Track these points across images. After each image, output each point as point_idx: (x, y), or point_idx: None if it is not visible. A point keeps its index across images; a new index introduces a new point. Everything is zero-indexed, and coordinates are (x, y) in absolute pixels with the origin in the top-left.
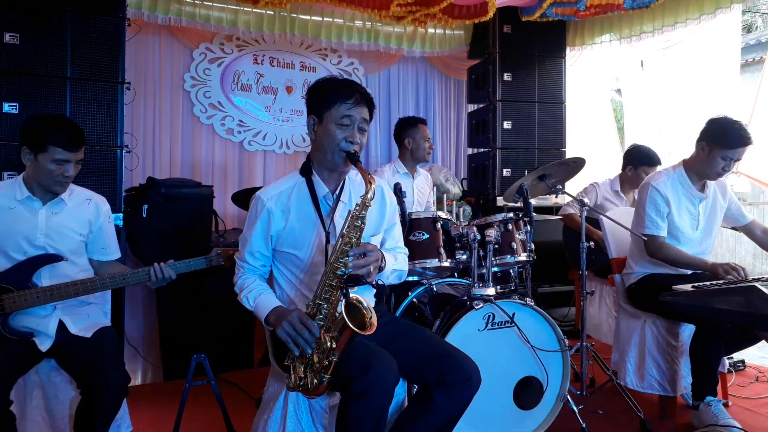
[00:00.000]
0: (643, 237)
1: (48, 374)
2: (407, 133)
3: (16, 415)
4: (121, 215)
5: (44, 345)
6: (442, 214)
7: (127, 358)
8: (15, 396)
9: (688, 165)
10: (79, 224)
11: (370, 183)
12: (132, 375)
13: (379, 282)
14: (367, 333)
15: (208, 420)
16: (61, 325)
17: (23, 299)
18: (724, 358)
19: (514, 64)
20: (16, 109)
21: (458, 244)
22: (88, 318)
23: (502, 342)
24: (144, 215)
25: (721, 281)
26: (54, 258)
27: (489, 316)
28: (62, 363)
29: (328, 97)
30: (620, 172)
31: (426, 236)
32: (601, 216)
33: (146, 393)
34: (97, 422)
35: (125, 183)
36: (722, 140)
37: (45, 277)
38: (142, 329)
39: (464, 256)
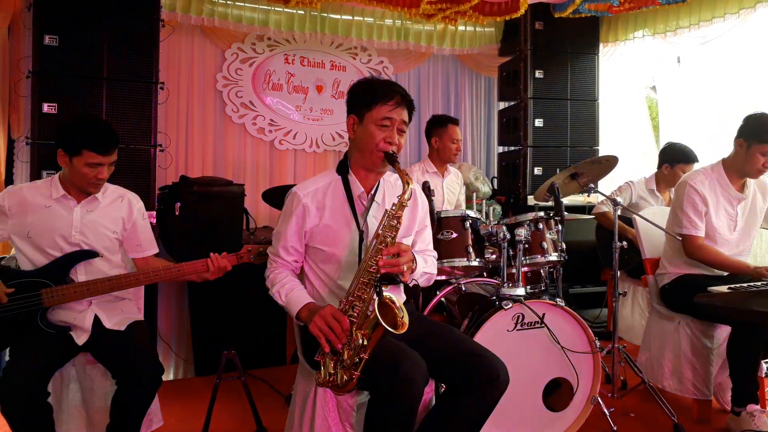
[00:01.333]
0: (678, 237)
1: (84, 367)
2: (435, 132)
3: (54, 406)
4: (154, 213)
5: (80, 339)
6: (471, 213)
7: (160, 353)
8: (52, 388)
9: (727, 164)
10: (113, 222)
11: (408, 183)
12: (164, 370)
13: (412, 282)
14: (398, 332)
15: (237, 415)
16: (96, 320)
17: (61, 294)
18: (762, 362)
19: (546, 61)
20: (54, 109)
21: (487, 244)
22: (122, 313)
23: (532, 343)
24: (177, 213)
25: (758, 283)
26: (89, 254)
27: (518, 317)
28: (97, 356)
29: (369, 98)
30: (656, 170)
31: (454, 235)
32: (634, 215)
33: (178, 388)
34: (131, 411)
35: (159, 181)
36: (761, 135)
37: (81, 273)
38: (174, 325)
39: (493, 256)
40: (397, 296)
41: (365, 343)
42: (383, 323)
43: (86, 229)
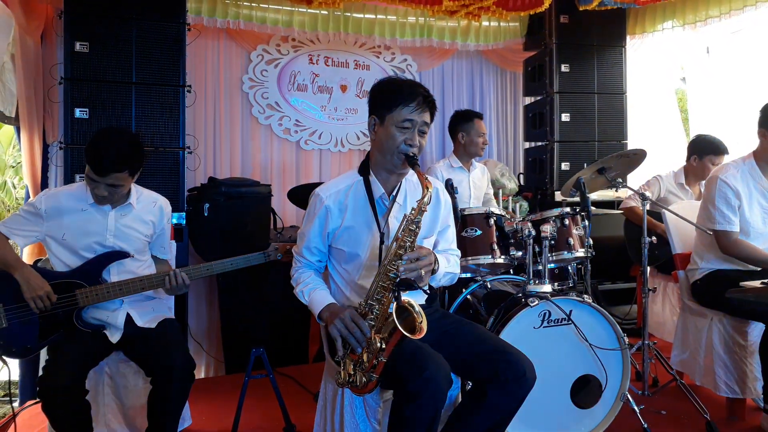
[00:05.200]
0: (709, 232)
1: (117, 366)
2: (461, 127)
3: (90, 403)
4: (183, 214)
5: (114, 337)
6: (496, 210)
7: (191, 352)
8: (88, 386)
9: (759, 155)
10: (144, 225)
11: (427, 188)
12: (195, 369)
13: (430, 286)
14: (416, 337)
15: (267, 412)
16: (128, 318)
17: (95, 294)
18: None
19: (572, 54)
20: (86, 114)
21: (512, 241)
22: (153, 311)
23: (559, 340)
24: (205, 214)
25: None
26: (122, 255)
27: (545, 314)
28: (130, 354)
29: (390, 99)
30: (684, 163)
31: (479, 232)
32: (663, 209)
33: (209, 386)
34: (167, 407)
35: (187, 183)
36: None
37: (113, 273)
38: (205, 325)
39: (519, 253)
40: (417, 298)
41: (383, 346)
42: (401, 328)
43: (120, 233)
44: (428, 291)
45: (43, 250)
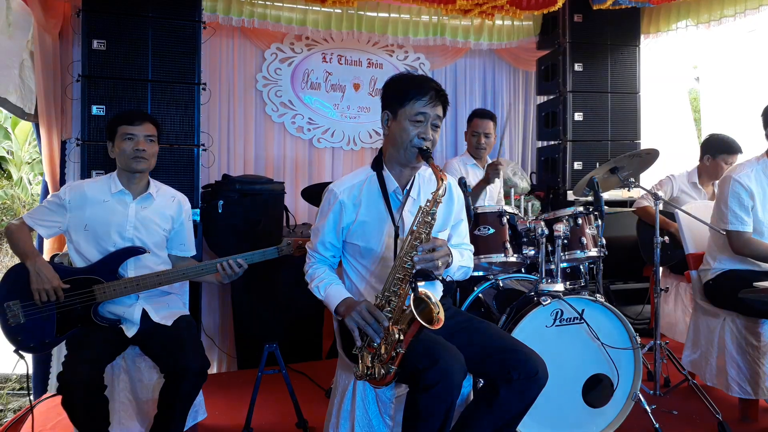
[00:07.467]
0: (722, 231)
1: (133, 360)
2: (467, 127)
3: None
4: (198, 210)
5: (130, 332)
6: (509, 209)
7: (204, 348)
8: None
9: None
10: (163, 219)
11: (442, 180)
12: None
13: (447, 278)
14: (434, 328)
15: (279, 408)
16: (144, 314)
17: (112, 289)
18: None
19: (586, 53)
20: (103, 111)
21: (525, 239)
22: (168, 307)
23: (571, 339)
24: (219, 210)
25: None
26: (138, 250)
27: (557, 313)
28: (145, 349)
29: (403, 94)
30: (698, 162)
31: (492, 231)
32: (676, 209)
33: (221, 381)
34: (178, 403)
35: (202, 180)
36: None
37: (130, 269)
38: (218, 321)
39: (532, 252)
40: (433, 291)
41: (401, 338)
42: (419, 318)
43: (140, 224)
44: (443, 281)
45: (61, 245)
